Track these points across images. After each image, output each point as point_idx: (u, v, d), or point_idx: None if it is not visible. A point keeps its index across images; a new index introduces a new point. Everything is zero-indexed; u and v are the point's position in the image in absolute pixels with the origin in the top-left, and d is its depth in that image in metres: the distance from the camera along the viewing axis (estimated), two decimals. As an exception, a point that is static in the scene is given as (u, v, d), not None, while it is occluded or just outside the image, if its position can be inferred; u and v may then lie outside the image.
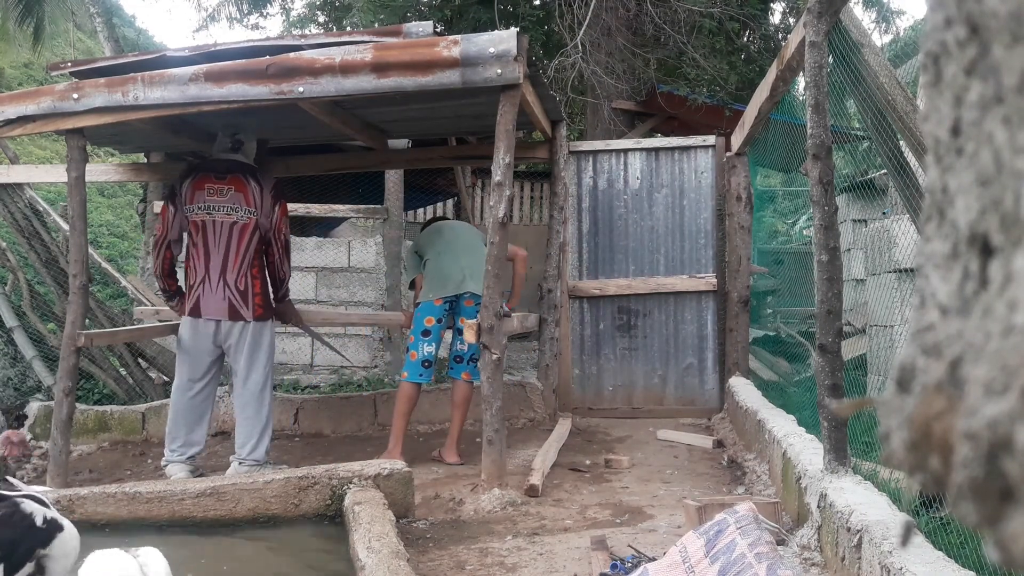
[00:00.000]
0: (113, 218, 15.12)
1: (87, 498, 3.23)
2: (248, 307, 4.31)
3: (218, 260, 4.28)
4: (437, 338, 4.53)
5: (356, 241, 7.57)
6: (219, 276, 4.28)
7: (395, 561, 2.40)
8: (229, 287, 4.29)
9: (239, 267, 4.29)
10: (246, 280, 4.30)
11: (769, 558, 2.01)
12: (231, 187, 4.30)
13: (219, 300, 4.29)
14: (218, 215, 4.28)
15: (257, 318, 4.33)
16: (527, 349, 7.91)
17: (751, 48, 8.95)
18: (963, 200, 0.41)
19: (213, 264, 4.28)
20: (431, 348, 4.51)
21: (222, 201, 4.29)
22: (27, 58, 15.38)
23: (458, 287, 4.48)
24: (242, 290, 4.30)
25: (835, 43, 3.04)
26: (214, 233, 4.29)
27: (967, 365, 0.38)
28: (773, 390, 5.24)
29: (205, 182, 4.31)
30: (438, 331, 4.53)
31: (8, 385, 6.40)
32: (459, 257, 4.56)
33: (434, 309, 4.51)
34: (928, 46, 0.44)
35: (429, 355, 4.51)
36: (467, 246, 4.62)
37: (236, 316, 4.30)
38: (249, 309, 4.31)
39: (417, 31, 3.85)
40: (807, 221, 11.15)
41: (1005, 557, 0.35)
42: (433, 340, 4.52)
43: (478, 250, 4.50)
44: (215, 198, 4.29)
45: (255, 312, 4.32)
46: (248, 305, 4.31)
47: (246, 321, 4.31)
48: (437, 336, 4.53)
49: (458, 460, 4.46)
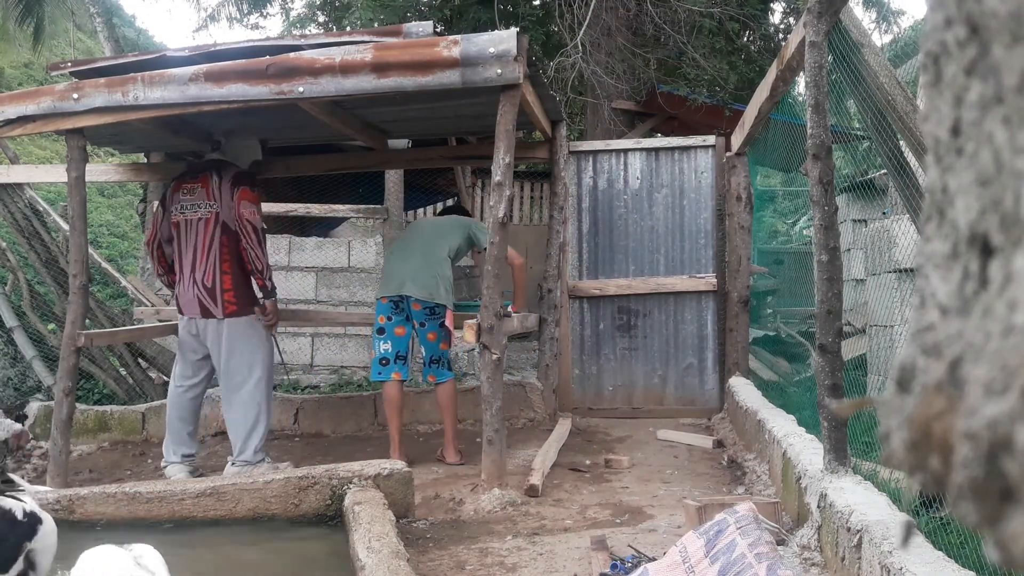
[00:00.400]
0: (113, 218, 15.12)
1: (87, 498, 3.23)
2: (217, 304, 4.26)
3: (189, 257, 4.32)
4: (391, 335, 4.53)
5: (356, 241, 7.58)
6: (190, 273, 4.31)
7: (395, 561, 2.40)
8: (197, 284, 4.28)
9: (205, 263, 4.28)
10: (213, 276, 4.27)
11: (769, 558, 2.01)
12: (199, 185, 4.37)
13: (191, 298, 4.30)
14: (189, 213, 4.35)
15: (230, 315, 4.26)
16: (527, 349, 7.91)
17: (751, 48, 8.95)
18: (963, 200, 0.41)
19: (186, 262, 4.33)
20: (387, 346, 4.53)
21: (192, 200, 4.36)
22: (27, 58, 15.39)
23: (398, 289, 4.46)
24: (209, 287, 4.27)
25: (835, 43, 3.04)
26: (187, 231, 4.35)
27: (967, 365, 0.38)
28: (773, 390, 5.24)
29: (182, 184, 4.42)
30: (391, 328, 4.52)
31: (8, 385, 6.40)
32: (407, 258, 4.52)
33: (382, 307, 4.55)
34: (928, 46, 0.44)
35: (386, 352, 4.53)
36: (423, 247, 4.55)
37: (207, 314, 4.27)
38: (219, 306, 4.26)
39: (417, 31, 3.85)
40: (807, 221, 11.15)
41: (1005, 557, 0.35)
42: (388, 338, 4.53)
43: (433, 252, 4.49)
44: (188, 197, 4.37)
45: (226, 309, 4.26)
46: (217, 302, 4.26)
47: (218, 319, 4.27)
48: (391, 333, 4.53)
49: (458, 459, 4.47)
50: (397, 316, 4.53)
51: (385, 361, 4.54)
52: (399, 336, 4.55)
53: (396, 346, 4.54)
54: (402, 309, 4.52)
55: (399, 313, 4.53)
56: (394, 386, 4.53)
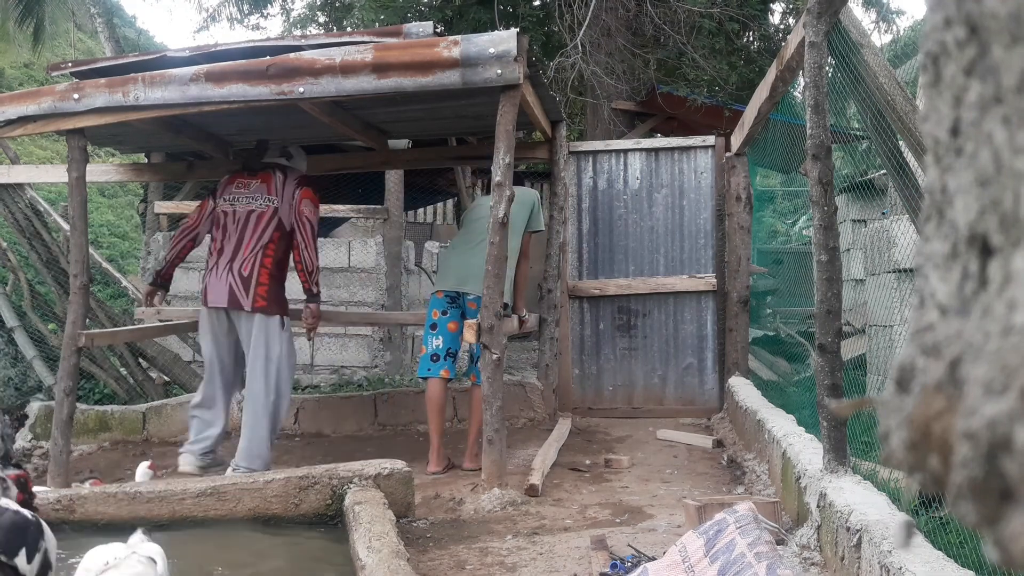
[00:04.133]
0: (114, 218, 15.13)
1: (87, 498, 3.23)
2: (248, 296, 4.18)
3: (230, 248, 4.28)
4: (444, 331, 4.38)
5: (356, 241, 7.57)
6: (227, 262, 4.25)
7: (395, 561, 2.40)
8: (233, 272, 4.22)
9: (248, 252, 4.23)
10: (252, 267, 4.21)
11: (769, 558, 2.01)
12: (259, 180, 4.38)
13: (221, 285, 4.23)
14: (239, 205, 4.33)
15: (258, 309, 4.19)
16: (527, 349, 7.91)
17: (751, 48, 8.96)
18: (962, 200, 0.41)
19: (225, 252, 4.29)
20: (438, 341, 4.37)
21: (247, 193, 4.36)
22: (27, 58, 15.38)
23: (457, 284, 4.35)
24: (245, 276, 4.20)
25: (835, 43, 3.04)
26: (233, 222, 4.32)
27: (966, 365, 0.38)
28: (773, 390, 5.24)
29: (237, 177, 4.44)
30: (444, 323, 4.38)
31: (9, 385, 6.40)
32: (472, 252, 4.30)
33: (437, 302, 4.43)
34: (928, 46, 0.44)
35: (437, 348, 4.37)
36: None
37: (235, 303, 4.19)
38: (249, 298, 4.18)
39: (417, 31, 3.85)
40: (807, 221, 11.15)
41: (1004, 557, 0.36)
42: (440, 333, 4.37)
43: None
44: (242, 191, 4.37)
45: (255, 303, 4.18)
46: (249, 294, 4.18)
47: (247, 311, 4.19)
48: (444, 329, 4.38)
49: (474, 466, 4.18)
50: (453, 310, 4.38)
51: (436, 357, 4.37)
52: (452, 332, 4.37)
53: (448, 342, 4.37)
54: (458, 304, 4.39)
55: (455, 307, 4.39)
56: (440, 384, 4.34)
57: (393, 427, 5.55)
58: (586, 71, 7.28)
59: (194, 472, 4.18)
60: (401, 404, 5.59)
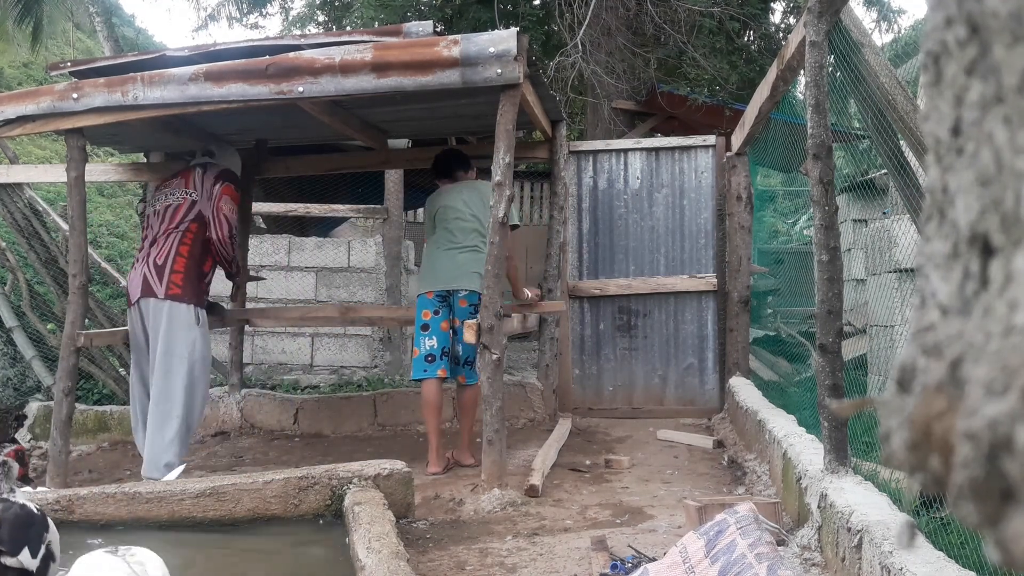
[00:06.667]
0: (113, 218, 15.12)
1: (87, 498, 3.23)
2: (162, 283, 4.15)
3: (148, 242, 4.35)
4: (437, 331, 4.35)
5: (356, 241, 7.58)
6: (145, 257, 4.31)
7: (395, 561, 2.40)
8: (148, 263, 4.25)
9: (164, 243, 4.27)
10: (167, 256, 4.22)
11: (769, 558, 2.01)
12: (180, 179, 4.49)
13: (137, 277, 4.26)
14: (160, 204, 4.44)
15: (171, 296, 4.15)
16: (527, 349, 7.91)
17: (751, 48, 8.95)
18: (963, 200, 0.40)
19: (145, 247, 4.37)
20: (432, 342, 4.34)
21: (167, 191, 4.48)
22: (26, 58, 15.38)
23: (448, 283, 4.33)
24: (159, 264, 4.20)
25: (835, 43, 3.04)
26: (156, 219, 4.40)
27: (967, 365, 0.38)
28: (773, 390, 5.24)
29: (164, 181, 4.63)
30: (437, 323, 4.36)
31: (8, 385, 6.39)
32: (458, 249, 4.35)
33: (426, 302, 4.39)
34: (928, 46, 0.44)
35: (432, 349, 4.34)
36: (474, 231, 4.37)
37: (148, 291, 4.16)
38: (162, 285, 4.15)
39: (417, 31, 3.85)
40: (807, 221, 11.15)
41: (1006, 558, 0.35)
42: (434, 333, 4.34)
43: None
44: (164, 190, 4.51)
45: (168, 290, 4.15)
46: (162, 281, 4.15)
47: (159, 298, 4.14)
48: (437, 329, 4.35)
49: (473, 462, 4.30)
50: (444, 309, 4.37)
51: (431, 358, 4.33)
52: (444, 332, 4.36)
53: (442, 342, 4.35)
54: (448, 303, 4.37)
55: (446, 306, 4.37)
56: (435, 385, 4.31)
57: (393, 427, 5.55)
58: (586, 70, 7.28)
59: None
60: (401, 404, 5.59)
